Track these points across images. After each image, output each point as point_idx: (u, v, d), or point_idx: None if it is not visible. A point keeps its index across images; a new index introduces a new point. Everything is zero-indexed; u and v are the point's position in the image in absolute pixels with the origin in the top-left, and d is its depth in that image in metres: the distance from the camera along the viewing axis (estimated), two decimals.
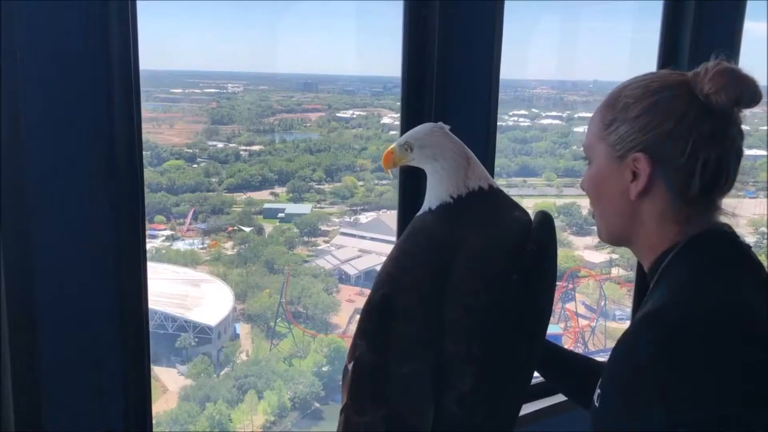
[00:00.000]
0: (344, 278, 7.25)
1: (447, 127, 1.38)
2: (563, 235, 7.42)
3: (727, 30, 2.57)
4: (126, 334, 1.56)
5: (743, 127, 1.08)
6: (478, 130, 2.04)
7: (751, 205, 6.82)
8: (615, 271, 7.86)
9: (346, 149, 7.99)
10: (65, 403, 1.52)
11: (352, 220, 7.66)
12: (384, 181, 7.67)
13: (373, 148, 7.89)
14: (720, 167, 1.05)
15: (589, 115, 1.23)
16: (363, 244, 7.37)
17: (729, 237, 1.09)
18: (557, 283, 1.47)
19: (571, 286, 7.69)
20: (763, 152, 6.47)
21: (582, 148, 1.20)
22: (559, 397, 2.33)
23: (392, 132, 8.00)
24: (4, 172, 1.36)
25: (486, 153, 2.04)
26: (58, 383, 1.50)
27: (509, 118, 7.56)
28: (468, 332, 1.20)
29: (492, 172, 2.07)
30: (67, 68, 1.43)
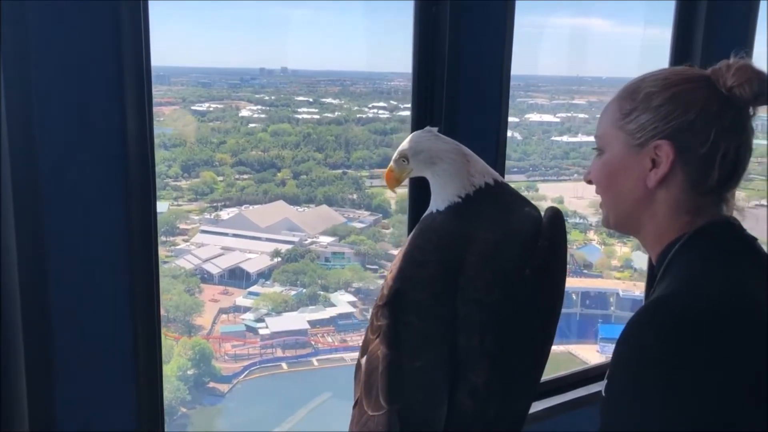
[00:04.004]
0: (207, 277, 6.99)
1: (435, 129, 1.38)
2: None
3: (741, 31, 2.68)
4: (138, 333, 1.56)
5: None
6: (489, 127, 2.09)
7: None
8: None
9: (203, 143, 7.70)
10: (78, 403, 1.52)
11: (212, 216, 7.41)
12: (245, 176, 7.49)
13: (232, 141, 7.67)
14: (739, 159, 1.10)
15: None
16: (225, 242, 7.15)
17: (735, 229, 1.14)
18: None
19: None
20: None
21: (594, 138, 1.21)
22: (569, 395, 2.42)
23: (252, 125, 7.83)
24: (18, 171, 1.36)
25: (497, 150, 2.09)
26: (71, 384, 1.50)
27: (369, 110, 7.66)
28: (481, 327, 1.22)
29: (503, 169, 2.09)
30: (79, 67, 1.42)
